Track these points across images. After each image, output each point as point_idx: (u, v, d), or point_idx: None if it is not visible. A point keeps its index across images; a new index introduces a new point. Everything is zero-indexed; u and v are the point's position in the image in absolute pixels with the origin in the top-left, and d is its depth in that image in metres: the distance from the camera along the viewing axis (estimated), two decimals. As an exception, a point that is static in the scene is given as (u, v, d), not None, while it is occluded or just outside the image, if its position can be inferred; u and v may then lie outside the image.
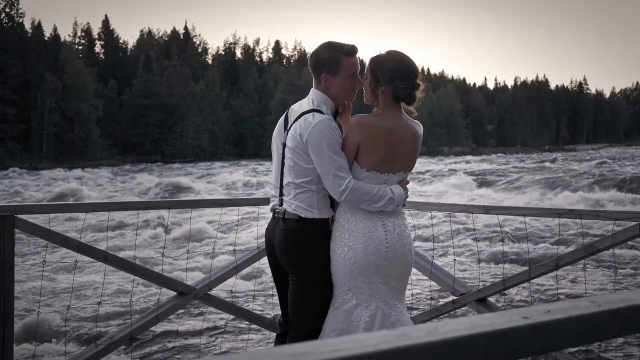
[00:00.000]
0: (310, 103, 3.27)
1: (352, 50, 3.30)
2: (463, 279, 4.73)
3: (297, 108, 3.33)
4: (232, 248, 4.53)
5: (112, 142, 78.19)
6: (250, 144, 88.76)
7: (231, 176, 33.81)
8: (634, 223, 3.55)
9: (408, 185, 3.35)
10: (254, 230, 11.28)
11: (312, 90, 3.32)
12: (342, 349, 0.94)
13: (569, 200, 19.82)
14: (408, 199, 3.54)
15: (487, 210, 4.10)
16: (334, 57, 3.27)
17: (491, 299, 4.14)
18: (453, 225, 11.63)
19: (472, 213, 4.16)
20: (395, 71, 3.19)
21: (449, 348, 1.02)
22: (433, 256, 4.68)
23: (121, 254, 6.59)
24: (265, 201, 4.21)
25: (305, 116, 3.20)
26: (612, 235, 3.62)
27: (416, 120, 3.34)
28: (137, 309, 6.28)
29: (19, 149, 70.43)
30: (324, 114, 3.19)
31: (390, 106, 3.21)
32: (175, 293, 4.26)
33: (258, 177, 32.87)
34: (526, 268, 4.04)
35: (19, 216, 3.60)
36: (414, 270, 4.25)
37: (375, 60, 3.25)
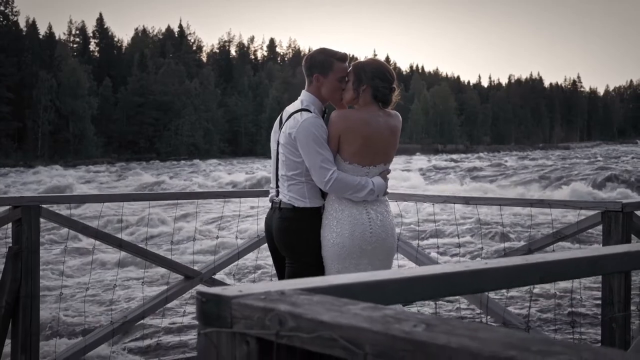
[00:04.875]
0: (300, 104, 3.68)
1: (344, 56, 3.71)
2: (445, 262, 5.12)
3: (289, 109, 3.74)
4: (234, 236, 4.91)
5: (106, 140, 78.39)
6: (244, 142, 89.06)
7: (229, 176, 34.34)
8: (596, 212, 3.95)
9: (389, 176, 3.73)
10: (254, 220, 11.80)
11: (303, 92, 3.73)
12: (331, 280, 1.35)
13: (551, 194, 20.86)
14: (394, 191, 3.90)
15: (467, 201, 4.49)
16: (327, 60, 3.68)
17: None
18: (436, 215, 12.14)
19: (454, 203, 4.56)
20: (376, 72, 3.58)
21: (410, 283, 1.43)
22: (418, 243, 5.08)
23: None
24: (264, 193, 4.60)
25: (295, 115, 3.61)
26: (577, 222, 4.03)
27: (395, 112, 3.70)
28: (148, 291, 6.68)
29: (13, 147, 70.57)
30: (311, 112, 3.58)
31: (369, 103, 3.58)
32: (182, 277, 4.65)
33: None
34: (502, 252, 4.45)
35: (44, 206, 3.99)
36: (401, 255, 4.65)
37: (358, 63, 3.68)
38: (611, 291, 3.84)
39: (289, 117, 3.64)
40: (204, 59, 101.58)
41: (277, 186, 3.72)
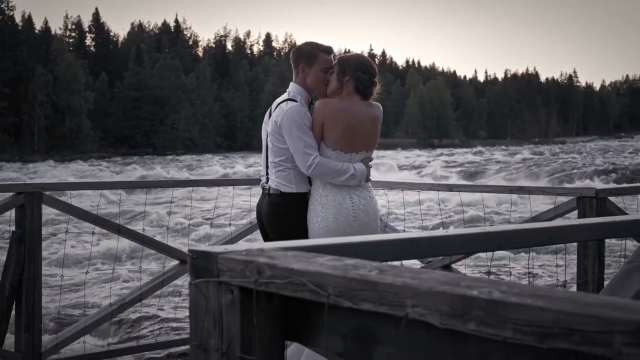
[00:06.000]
0: (287, 94, 3.91)
1: (328, 49, 3.94)
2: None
3: (278, 100, 3.96)
4: (227, 223, 5.11)
5: (103, 134, 78.44)
6: (240, 137, 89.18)
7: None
8: (571, 197, 4.16)
9: (371, 162, 3.93)
10: (247, 208, 12.11)
11: (291, 84, 3.96)
12: (305, 242, 1.55)
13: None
14: (380, 179, 4.08)
15: (450, 188, 4.70)
16: (313, 52, 3.92)
17: (454, 265, 4.74)
18: (421, 204, 12.52)
19: (438, 191, 4.76)
20: (360, 65, 3.80)
21: (378, 245, 1.63)
22: (404, 229, 5.27)
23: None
24: (256, 181, 4.80)
25: (281, 105, 3.84)
26: (554, 208, 4.23)
27: (376, 103, 3.91)
28: (145, 275, 6.91)
29: (10, 142, 70.62)
30: (297, 102, 3.79)
31: (351, 94, 3.79)
32: (178, 261, 4.85)
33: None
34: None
35: (46, 193, 4.18)
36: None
37: (343, 56, 3.92)
38: (585, 272, 4.05)
39: (277, 107, 3.86)
40: (200, 54, 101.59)
41: (267, 173, 3.93)
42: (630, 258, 2.29)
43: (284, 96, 3.92)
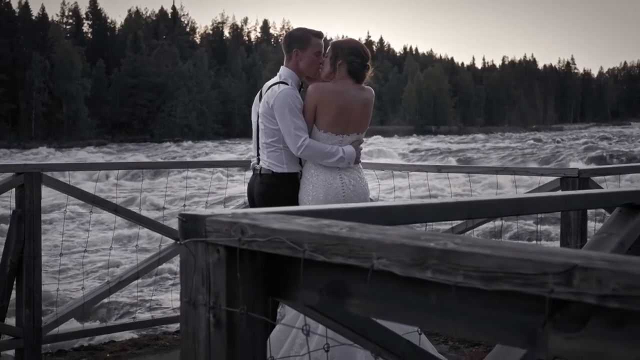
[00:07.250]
0: (278, 77, 4.03)
1: (319, 33, 4.07)
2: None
3: (268, 83, 4.09)
4: (221, 203, 5.24)
5: (100, 121, 78.39)
6: (238, 123, 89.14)
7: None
8: (555, 178, 4.30)
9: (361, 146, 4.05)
10: (240, 188, 12.29)
11: (282, 68, 4.08)
12: (286, 209, 1.68)
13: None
14: (370, 161, 4.19)
15: (439, 169, 4.83)
16: (305, 36, 4.05)
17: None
18: (411, 188, 12.79)
19: (427, 172, 4.90)
20: (352, 49, 3.92)
21: (356, 212, 1.76)
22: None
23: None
24: (249, 163, 4.93)
25: (273, 87, 3.96)
26: (538, 187, 4.37)
27: (368, 87, 4.01)
28: (142, 253, 7.05)
29: (7, 128, 70.61)
30: (288, 85, 3.90)
31: (344, 77, 3.90)
32: (173, 241, 4.98)
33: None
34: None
35: (45, 173, 4.31)
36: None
37: (337, 41, 4.05)
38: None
39: (268, 89, 3.98)
40: (198, 41, 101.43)
41: (258, 154, 4.05)
42: (600, 229, 2.42)
43: (275, 79, 4.04)
